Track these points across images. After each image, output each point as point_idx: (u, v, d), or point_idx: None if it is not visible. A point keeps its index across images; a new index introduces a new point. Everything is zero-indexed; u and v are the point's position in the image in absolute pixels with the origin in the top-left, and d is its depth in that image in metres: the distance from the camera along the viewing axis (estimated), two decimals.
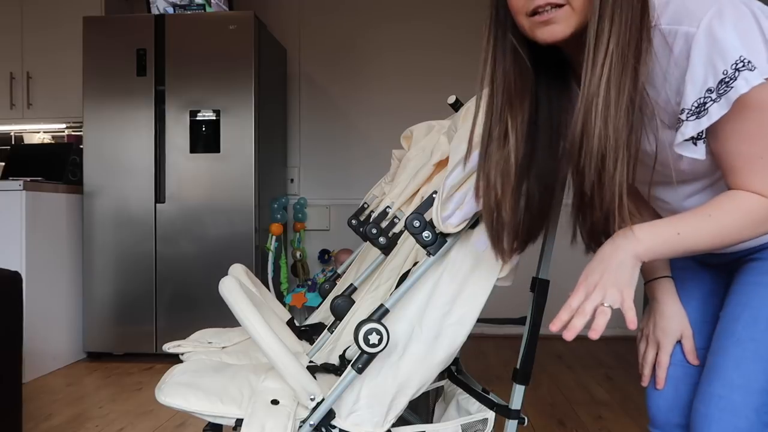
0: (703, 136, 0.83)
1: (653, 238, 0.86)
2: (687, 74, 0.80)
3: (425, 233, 0.97)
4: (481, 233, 1.03)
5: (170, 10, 3.41)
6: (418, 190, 1.38)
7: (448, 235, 0.99)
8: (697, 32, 0.79)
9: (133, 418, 2.38)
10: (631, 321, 0.82)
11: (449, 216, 0.97)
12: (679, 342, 1.08)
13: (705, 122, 0.80)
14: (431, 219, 0.97)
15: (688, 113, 0.81)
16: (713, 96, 0.78)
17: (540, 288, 1.08)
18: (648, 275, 1.13)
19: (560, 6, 0.83)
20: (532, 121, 0.93)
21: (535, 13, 0.84)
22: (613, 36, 0.80)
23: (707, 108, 0.79)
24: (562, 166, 0.96)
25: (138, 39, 3.30)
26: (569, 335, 0.82)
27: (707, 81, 0.79)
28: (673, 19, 0.82)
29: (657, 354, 1.10)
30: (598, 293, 0.84)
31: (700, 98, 0.80)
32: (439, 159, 1.31)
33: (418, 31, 4.05)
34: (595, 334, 0.81)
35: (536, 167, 0.94)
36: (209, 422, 1.07)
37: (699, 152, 0.84)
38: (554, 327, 0.84)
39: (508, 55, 0.92)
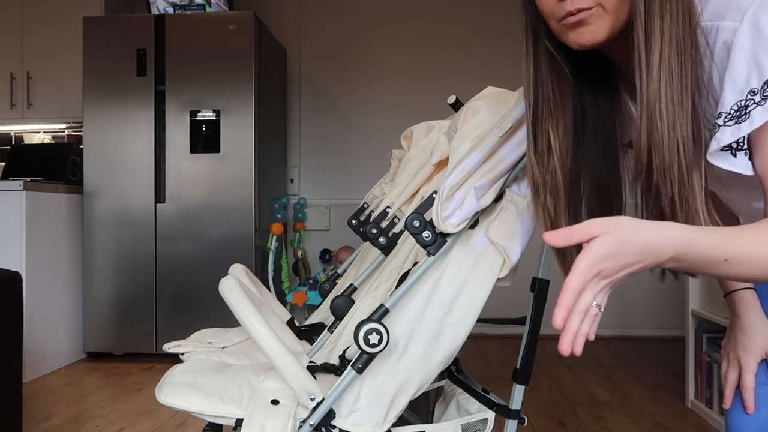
0: (745, 146, 0.72)
1: (696, 257, 0.68)
2: (726, 74, 0.71)
3: (425, 233, 0.97)
4: (480, 233, 1.03)
5: (170, 10, 3.41)
6: (418, 190, 1.38)
7: (448, 235, 0.99)
8: (740, 26, 0.69)
9: (133, 418, 2.38)
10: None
11: (449, 216, 0.97)
12: (765, 361, 0.97)
13: (746, 128, 0.69)
14: (431, 219, 0.97)
15: (726, 117, 0.71)
16: (757, 98, 0.68)
17: (540, 288, 1.08)
18: (726, 287, 1.03)
19: (590, 8, 0.76)
20: (579, 131, 0.86)
21: (566, 17, 0.78)
22: (665, 33, 0.72)
23: (749, 112, 0.69)
24: (622, 176, 0.88)
25: (138, 39, 3.31)
26: (568, 346, 0.66)
27: (750, 81, 0.69)
28: (714, 14, 0.73)
29: (740, 375, 0.99)
30: (605, 285, 0.67)
31: (741, 101, 0.70)
32: (439, 159, 1.31)
33: (418, 32, 4.05)
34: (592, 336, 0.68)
35: (590, 179, 0.87)
36: (209, 422, 1.07)
37: (740, 165, 0.72)
38: (560, 319, 0.65)
39: (544, 62, 0.85)
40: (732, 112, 0.71)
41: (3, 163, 3.71)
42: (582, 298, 0.66)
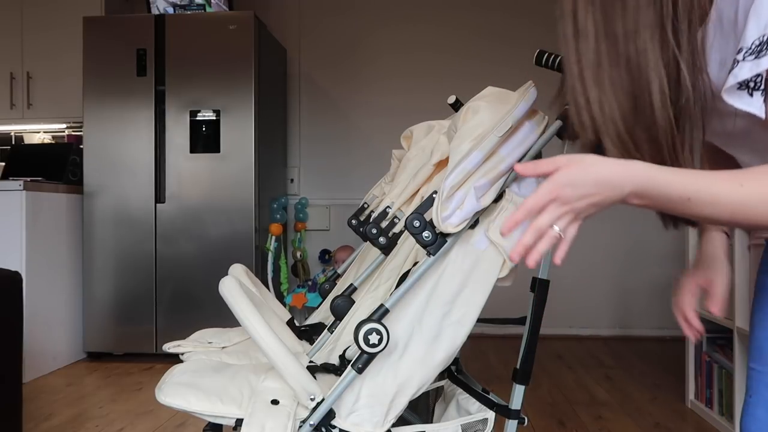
0: (762, 86, 0.69)
1: (657, 194, 0.71)
2: (752, 8, 0.68)
3: (425, 233, 0.97)
4: (481, 233, 1.03)
5: (170, 10, 3.41)
6: (418, 190, 1.38)
7: (448, 235, 0.99)
8: None
9: (133, 418, 2.38)
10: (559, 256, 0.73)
11: (449, 216, 0.96)
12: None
13: (765, 62, 0.66)
14: (431, 219, 0.97)
15: (746, 52, 0.68)
16: None
17: (540, 288, 1.08)
18: (702, 227, 1.05)
19: None
20: None
21: None
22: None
23: None
24: None
25: (138, 39, 3.31)
26: (517, 255, 0.72)
27: None
28: None
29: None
30: (565, 211, 0.72)
31: (763, 35, 0.66)
32: (439, 159, 1.31)
33: (418, 33, 4.05)
34: (534, 260, 0.72)
35: None
36: (209, 422, 1.07)
37: (755, 106, 0.69)
38: (506, 229, 0.72)
39: None
40: (753, 47, 0.68)
41: (3, 163, 3.71)
42: (539, 218, 0.71)
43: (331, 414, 0.98)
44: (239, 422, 0.96)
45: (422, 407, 1.39)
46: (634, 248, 3.94)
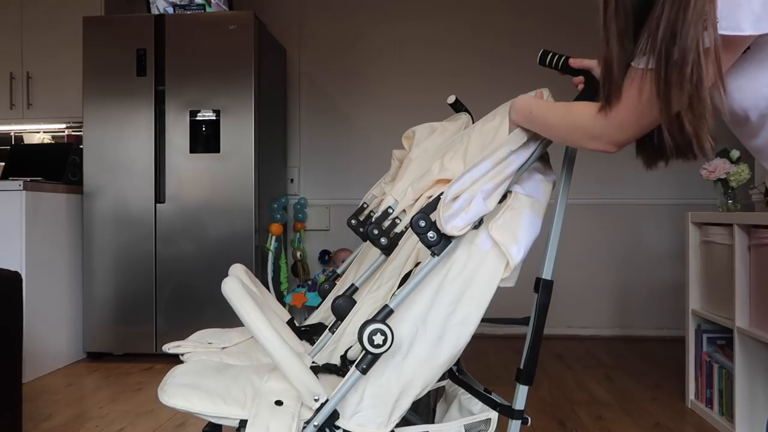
0: None
1: (518, 113, 1.03)
2: None
3: (430, 233, 0.97)
4: (484, 232, 1.03)
5: (170, 10, 3.41)
6: (421, 195, 1.37)
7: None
8: None
9: (133, 418, 2.38)
10: None
11: (454, 217, 0.96)
12: None
13: None
14: (436, 220, 0.97)
15: None
16: None
17: (544, 288, 1.08)
18: None
19: None
20: None
21: None
22: None
23: None
24: None
25: (138, 39, 3.30)
26: None
27: None
28: None
29: None
30: None
31: None
32: (441, 177, 1.30)
33: (418, 31, 4.05)
34: None
35: None
36: (209, 422, 1.06)
37: None
38: None
39: None
40: None
41: (3, 163, 3.70)
42: None
43: (335, 415, 0.97)
44: (243, 423, 0.96)
45: (423, 407, 1.39)
46: (634, 248, 3.94)
